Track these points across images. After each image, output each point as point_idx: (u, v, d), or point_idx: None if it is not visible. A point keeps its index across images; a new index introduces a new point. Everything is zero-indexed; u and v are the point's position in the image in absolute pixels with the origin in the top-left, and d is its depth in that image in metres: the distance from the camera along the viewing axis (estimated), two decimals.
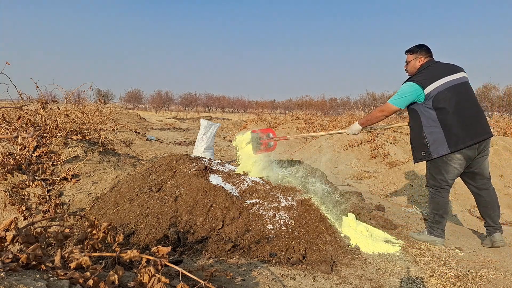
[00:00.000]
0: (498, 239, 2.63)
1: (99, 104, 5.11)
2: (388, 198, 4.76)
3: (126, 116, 14.39)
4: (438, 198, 2.65)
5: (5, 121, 3.60)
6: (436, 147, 2.52)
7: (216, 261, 2.09)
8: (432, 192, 2.70)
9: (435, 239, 2.67)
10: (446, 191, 2.64)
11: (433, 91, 2.48)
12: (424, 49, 2.70)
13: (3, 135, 2.19)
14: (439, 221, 2.67)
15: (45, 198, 2.98)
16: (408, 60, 2.74)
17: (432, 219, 2.71)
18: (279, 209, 2.51)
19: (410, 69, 2.74)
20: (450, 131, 2.46)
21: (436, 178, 2.64)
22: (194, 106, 43.65)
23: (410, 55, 2.73)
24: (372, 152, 7.46)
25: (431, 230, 2.71)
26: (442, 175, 2.59)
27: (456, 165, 2.53)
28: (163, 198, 2.69)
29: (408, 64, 2.75)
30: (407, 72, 2.79)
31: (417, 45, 2.74)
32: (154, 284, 1.18)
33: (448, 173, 2.56)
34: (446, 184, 2.61)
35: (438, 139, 2.50)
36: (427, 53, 2.69)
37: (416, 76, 2.61)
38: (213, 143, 5.88)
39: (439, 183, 2.63)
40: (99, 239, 1.38)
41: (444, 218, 2.68)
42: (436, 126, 2.50)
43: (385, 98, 27.90)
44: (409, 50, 2.75)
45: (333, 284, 1.89)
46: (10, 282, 0.91)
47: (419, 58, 2.68)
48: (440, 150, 2.51)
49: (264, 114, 16.17)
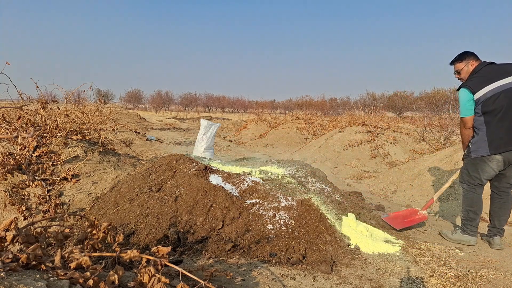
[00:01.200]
0: (497, 243, 2.68)
1: (99, 104, 5.11)
2: (388, 198, 4.76)
3: (126, 116, 14.39)
4: (472, 194, 2.71)
5: (5, 121, 3.60)
6: (476, 147, 2.61)
7: (216, 261, 2.09)
8: (466, 188, 2.76)
9: (469, 238, 2.71)
10: (480, 188, 2.70)
11: (482, 96, 2.52)
12: (470, 54, 2.71)
13: (3, 135, 2.19)
14: (473, 218, 2.71)
15: (45, 198, 2.98)
16: (459, 68, 2.73)
17: (466, 216, 2.74)
18: (279, 209, 2.51)
19: (464, 75, 2.73)
20: (493, 134, 2.52)
21: (471, 175, 2.70)
22: (194, 106, 43.62)
23: (459, 63, 2.73)
24: (372, 152, 7.46)
25: (465, 228, 2.74)
26: (478, 173, 2.65)
27: (494, 166, 2.59)
28: (163, 198, 2.69)
29: (460, 72, 2.74)
30: (462, 80, 2.76)
31: (462, 53, 2.74)
32: (154, 284, 1.18)
33: (484, 173, 2.63)
34: (480, 182, 2.68)
35: (480, 141, 2.58)
36: (475, 57, 2.70)
37: (468, 81, 2.63)
38: (213, 143, 5.87)
39: (473, 180, 2.69)
40: (99, 239, 1.38)
41: (478, 215, 2.72)
42: (481, 129, 2.57)
43: (385, 98, 27.87)
44: (456, 60, 2.75)
45: (333, 284, 1.89)
46: (10, 282, 0.91)
47: (470, 62, 2.69)
48: (480, 151, 2.59)
49: (264, 114, 16.15)
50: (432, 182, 4.66)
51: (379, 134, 8.27)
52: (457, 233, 2.79)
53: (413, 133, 9.03)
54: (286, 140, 11.04)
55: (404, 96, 26.25)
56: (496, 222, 2.70)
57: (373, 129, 8.49)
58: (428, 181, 4.72)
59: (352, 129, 8.57)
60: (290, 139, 11.08)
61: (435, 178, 4.68)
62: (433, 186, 4.54)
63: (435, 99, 16.22)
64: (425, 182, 4.73)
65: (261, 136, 12.05)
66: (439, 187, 4.43)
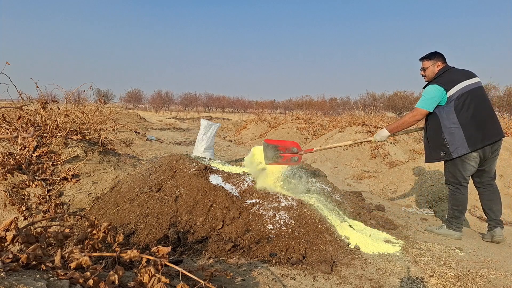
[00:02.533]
0: (498, 234, 2.78)
1: (99, 104, 5.10)
2: (388, 198, 4.76)
3: (126, 116, 14.39)
4: (458, 194, 2.82)
5: (5, 121, 3.60)
6: (456, 147, 2.67)
7: (216, 261, 2.09)
8: (452, 189, 2.86)
9: (454, 233, 2.85)
10: (465, 188, 2.81)
11: (455, 93, 2.64)
12: (439, 55, 2.84)
13: (3, 135, 2.19)
14: (458, 216, 2.84)
15: (45, 198, 2.98)
16: (426, 67, 2.87)
17: (452, 214, 2.87)
18: (279, 209, 2.51)
19: (428, 74, 2.86)
20: (469, 132, 2.62)
21: (455, 176, 2.80)
22: (194, 106, 43.64)
23: (427, 61, 2.86)
24: (372, 152, 7.46)
25: (450, 224, 2.88)
26: (460, 172, 2.75)
27: (473, 163, 2.70)
28: (163, 198, 2.70)
29: (426, 70, 2.88)
30: (425, 77, 2.91)
31: (432, 53, 2.87)
32: (154, 284, 1.18)
33: (466, 171, 2.74)
34: (464, 181, 2.78)
35: (458, 140, 2.65)
36: (443, 59, 2.84)
37: (438, 79, 2.73)
38: (213, 143, 5.88)
39: (458, 180, 2.79)
40: (99, 239, 1.38)
41: (463, 213, 2.85)
42: (456, 127, 2.65)
43: (385, 98, 27.87)
44: (426, 57, 2.88)
45: (333, 284, 1.89)
46: (10, 282, 0.91)
47: (437, 63, 2.82)
48: (460, 150, 2.66)
49: (264, 114, 16.15)
50: (432, 182, 4.66)
51: None
52: (443, 228, 2.93)
53: (413, 133, 9.02)
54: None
55: (404, 96, 26.25)
56: (491, 215, 2.83)
57: (373, 129, 8.49)
58: (428, 181, 4.72)
59: (352, 129, 8.57)
60: (290, 139, 11.07)
61: (435, 178, 4.68)
62: (433, 186, 4.54)
63: None
64: (425, 182, 4.73)
65: (261, 136, 12.05)
66: (439, 187, 4.43)
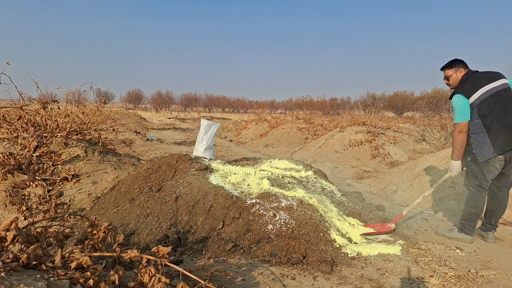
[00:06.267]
0: (491, 237, 2.85)
1: (100, 104, 5.09)
2: (389, 198, 4.76)
3: (126, 116, 14.39)
4: (478, 197, 2.77)
5: (6, 121, 3.60)
6: (482, 151, 2.65)
7: (216, 261, 2.09)
8: (472, 191, 2.80)
9: (466, 236, 2.81)
10: (485, 191, 2.77)
11: (476, 100, 2.62)
12: (460, 62, 2.83)
13: (4, 135, 2.19)
14: (473, 219, 2.80)
15: (46, 198, 2.99)
16: (449, 75, 2.86)
17: (467, 217, 2.81)
18: (279, 209, 2.51)
19: (452, 82, 2.86)
20: (495, 135, 2.60)
21: (478, 178, 2.75)
22: (194, 106, 43.60)
23: (449, 69, 2.86)
24: (372, 152, 7.45)
25: (463, 227, 2.83)
26: (484, 175, 2.70)
27: (497, 166, 2.65)
28: (163, 198, 2.69)
29: (449, 79, 2.87)
30: (450, 86, 2.90)
31: (452, 60, 2.86)
32: (155, 284, 1.18)
33: (489, 173, 2.69)
34: (486, 184, 2.74)
35: (484, 144, 2.63)
36: (464, 64, 2.82)
37: (461, 87, 2.73)
38: (213, 143, 5.87)
39: (480, 182, 2.74)
40: (99, 239, 1.38)
41: (478, 217, 2.81)
42: (481, 132, 2.64)
43: (385, 98, 27.82)
44: (447, 66, 2.87)
45: (334, 284, 1.89)
46: (10, 282, 0.91)
47: (459, 70, 2.81)
48: (486, 154, 2.63)
49: (265, 114, 16.14)
50: (432, 182, 4.66)
51: (379, 134, 8.27)
52: (454, 232, 2.88)
53: (413, 133, 9.02)
54: (286, 140, 11.03)
55: (404, 96, 26.23)
56: (492, 220, 2.84)
57: (373, 129, 8.49)
58: (428, 181, 4.71)
59: (353, 129, 8.56)
60: (291, 139, 11.07)
61: (435, 178, 4.68)
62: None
63: (435, 99, 16.18)
64: (426, 182, 4.73)
65: (261, 136, 12.04)
66: (440, 187, 4.42)
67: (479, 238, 2.94)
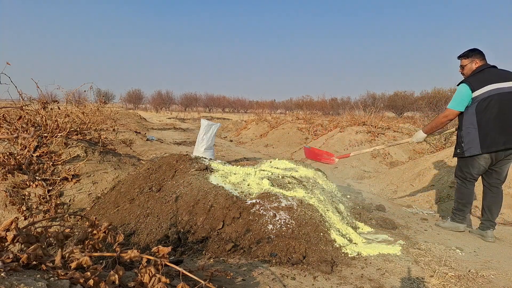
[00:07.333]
0: (490, 236, 2.86)
1: (100, 104, 5.10)
2: (389, 198, 4.76)
3: (126, 116, 14.40)
4: (463, 188, 2.93)
5: (6, 121, 3.60)
6: (469, 147, 2.74)
7: (216, 261, 2.09)
8: (459, 183, 2.97)
9: (458, 225, 2.98)
10: (471, 183, 2.91)
11: (480, 95, 2.64)
12: (477, 52, 2.80)
13: (4, 135, 2.19)
14: (461, 209, 2.96)
15: (46, 198, 2.99)
16: (464, 64, 2.86)
17: (456, 206, 3.00)
18: (280, 209, 2.51)
19: (466, 72, 2.85)
20: (485, 134, 2.65)
21: (463, 171, 2.91)
22: (194, 106, 43.60)
23: (465, 59, 2.85)
24: (372, 152, 7.45)
25: (454, 217, 3.01)
26: (469, 169, 2.85)
27: (483, 163, 2.77)
28: (163, 198, 2.69)
29: (464, 68, 2.86)
30: (464, 76, 2.90)
31: (469, 50, 2.84)
32: (155, 284, 1.18)
33: (474, 168, 2.82)
34: (471, 177, 2.86)
35: (473, 140, 2.70)
36: (481, 56, 2.79)
37: (470, 78, 2.73)
38: (213, 143, 5.88)
39: (464, 176, 2.90)
40: (99, 239, 1.38)
41: (467, 207, 2.95)
42: (472, 128, 2.69)
43: (385, 98, 27.81)
44: (463, 55, 2.86)
45: (334, 284, 1.89)
46: (10, 282, 0.91)
47: (474, 61, 2.80)
48: (473, 150, 2.73)
49: (265, 114, 16.13)
50: (432, 182, 4.66)
51: (379, 134, 8.27)
52: (448, 222, 3.06)
53: (413, 133, 9.02)
54: (286, 140, 11.02)
55: (404, 96, 26.22)
56: (489, 215, 2.89)
57: (373, 129, 8.49)
58: (428, 181, 4.72)
59: (353, 129, 8.56)
60: (291, 139, 11.07)
61: (435, 178, 4.68)
62: (434, 186, 4.54)
63: (435, 99, 16.18)
64: (426, 182, 4.73)
65: (262, 136, 12.04)
66: (440, 187, 4.43)
67: (478, 238, 2.94)
